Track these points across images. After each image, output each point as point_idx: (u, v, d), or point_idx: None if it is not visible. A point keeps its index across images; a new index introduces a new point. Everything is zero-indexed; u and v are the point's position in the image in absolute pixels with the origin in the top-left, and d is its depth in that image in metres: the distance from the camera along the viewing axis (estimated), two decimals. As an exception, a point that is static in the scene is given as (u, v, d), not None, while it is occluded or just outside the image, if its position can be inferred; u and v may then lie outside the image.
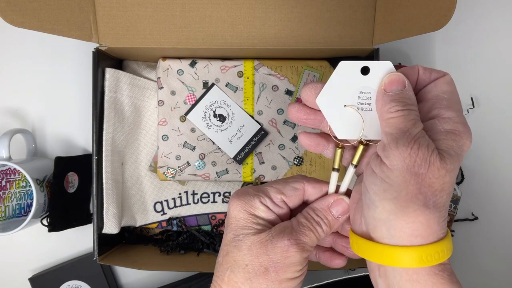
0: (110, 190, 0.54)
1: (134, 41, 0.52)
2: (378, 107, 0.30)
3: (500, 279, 0.63)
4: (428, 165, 0.27)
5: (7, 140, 0.56)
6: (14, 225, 0.56)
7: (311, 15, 0.51)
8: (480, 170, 0.63)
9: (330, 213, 0.34)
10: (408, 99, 0.29)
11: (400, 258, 0.28)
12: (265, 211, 0.33)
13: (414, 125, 0.28)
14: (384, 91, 0.30)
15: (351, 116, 0.31)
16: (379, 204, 0.28)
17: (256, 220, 0.33)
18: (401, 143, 0.27)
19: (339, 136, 0.32)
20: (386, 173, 0.28)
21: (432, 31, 0.44)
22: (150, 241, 0.62)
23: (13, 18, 0.46)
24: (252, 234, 0.32)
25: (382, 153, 0.29)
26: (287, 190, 0.34)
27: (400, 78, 0.30)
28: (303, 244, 0.32)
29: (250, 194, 0.34)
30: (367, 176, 0.30)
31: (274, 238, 0.32)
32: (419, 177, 0.27)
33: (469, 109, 0.62)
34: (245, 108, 0.57)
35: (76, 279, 0.61)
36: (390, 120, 0.29)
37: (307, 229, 0.32)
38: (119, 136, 0.56)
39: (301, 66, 0.57)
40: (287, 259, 0.31)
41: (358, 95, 0.31)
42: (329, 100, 0.31)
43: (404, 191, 0.27)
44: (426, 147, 0.27)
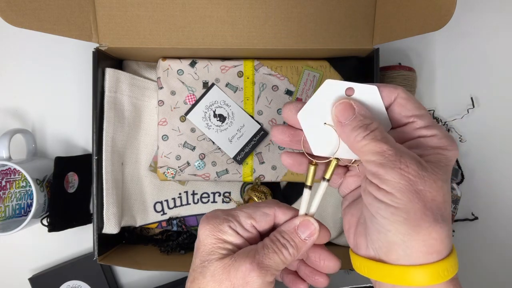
0: (110, 190, 0.54)
1: (134, 41, 0.52)
2: (344, 139, 0.30)
3: (500, 279, 0.63)
4: (424, 180, 0.27)
5: (7, 140, 0.56)
6: (14, 225, 0.56)
7: (311, 15, 0.51)
8: (480, 170, 0.63)
9: (297, 235, 0.33)
10: (365, 120, 0.29)
11: (419, 277, 0.28)
12: (233, 235, 0.33)
13: (386, 143, 0.28)
14: (340, 122, 0.30)
15: (330, 134, 0.31)
16: (390, 227, 0.28)
17: (223, 245, 0.32)
18: (388, 167, 0.27)
19: (314, 152, 0.32)
20: (388, 197, 0.28)
21: (432, 31, 0.44)
22: (150, 241, 0.62)
23: (13, 18, 0.46)
24: (216, 259, 0.32)
25: (376, 180, 0.28)
26: (258, 215, 0.34)
27: (345, 104, 0.30)
28: (267, 268, 0.31)
29: (219, 218, 0.33)
30: (370, 202, 0.29)
31: (237, 262, 0.31)
32: (420, 193, 0.27)
33: (469, 109, 0.62)
34: (245, 108, 0.57)
35: (76, 279, 0.61)
36: (363, 149, 0.29)
37: (271, 251, 0.32)
38: (119, 136, 0.56)
39: (301, 66, 0.57)
40: (249, 284, 0.30)
41: None
42: (310, 116, 0.31)
43: (411, 211, 0.27)
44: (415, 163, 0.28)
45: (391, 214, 0.28)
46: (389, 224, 0.28)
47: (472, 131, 0.63)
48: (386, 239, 0.29)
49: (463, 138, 0.62)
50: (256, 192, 0.57)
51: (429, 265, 0.28)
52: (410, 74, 0.59)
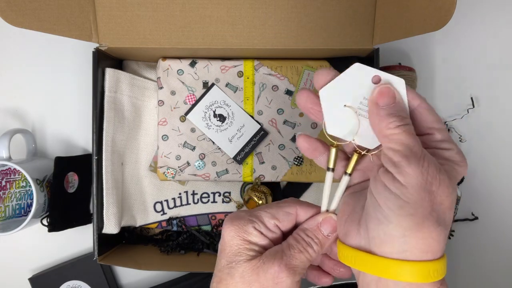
0: (110, 190, 0.54)
1: (134, 41, 0.52)
2: (374, 122, 0.30)
3: (500, 279, 0.63)
4: (439, 183, 0.28)
5: (7, 140, 0.56)
6: (14, 225, 0.56)
7: (311, 15, 0.51)
8: (480, 170, 0.63)
9: (320, 232, 0.34)
10: (403, 112, 0.30)
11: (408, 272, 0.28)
12: (258, 236, 0.33)
13: (417, 141, 0.28)
14: (377, 104, 0.30)
15: (348, 117, 0.31)
16: (394, 220, 0.28)
17: (249, 246, 0.33)
18: (412, 161, 0.28)
19: (329, 131, 0.32)
20: (401, 190, 0.28)
21: (432, 31, 0.44)
22: (150, 241, 0.62)
23: (13, 18, 0.46)
24: (244, 261, 0.32)
25: (394, 169, 0.28)
26: (280, 215, 0.34)
27: (390, 90, 0.30)
28: (294, 268, 0.32)
29: (243, 219, 0.34)
30: (379, 190, 0.29)
31: (265, 264, 0.32)
32: (432, 194, 0.28)
33: (469, 109, 0.62)
34: (245, 108, 0.57)
35: (76, 279, 0.61)
36: (393, 136, 0.29)
37: (297, 251, 0.32)
38: (119, 136, 0.56)
39: (301, 66, 0.57)
40: (278, 285, 0.31)
41: (361, 100, 0.31)
42: (331, 95, 0.31)
43: (420, 208, 0.27)
44: (434, 165, 0.28)
45: (399, 207, 0.28)
46: (393, 216, 0.28)
47: (472, 131, 0.63)
48: (385, 230, 0.29)
49: (463, 138, 0.62)
50: (256, 192, 0.57)
51: (421, 262, 0.28)
52: (410, 74, 0.59)
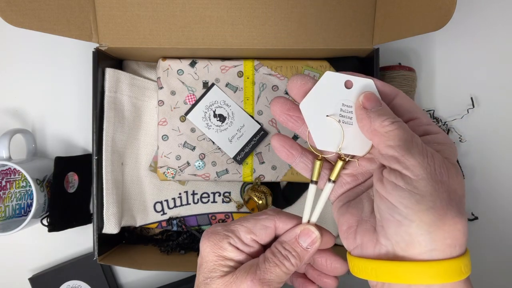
0: (110, 190, 0.54)
1: (134, 41, 0.52)
2: (365, 124, 0.29)
3: (500, 279, 0.63)
4: (448, 172, 0.27)
5: (7, 140, 0.56)
6: (14, 225, 0.56)
7: (311, 15, 0.51)
8: (480, 170, 0.63)
9: (299, 245, 0.33)
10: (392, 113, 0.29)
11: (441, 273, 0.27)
12: (233, 251, 0.33)
13: (414, 134, 0.28)
14: (365, 108, 0.29)
15: (332, 127, 0.31)
16: (415, 217, 0.26)
17: (223, 262, 0.32)
18: (415, 152, 0.27)
19: (318, 146, 0.31)
20: (413, 184, 0.26)
21: (432, 31, 0.44)
22: (150, 241, 0.62)
23: (13, 18, 0.46)
24: (218, 277, 0.32)
25: (399, 165, 0.27)
26: (257, 229, 0.33)
27: (375, 96, 0.30)
28: (269, 282, 0.31)
29: (219, 234, 0.33)
30: (390, 191, 0.28)
31: (238, 279, 0.31)
32: (445, 184, 0.27)
33: (469, 109, 0.62)
34: (245, 108, 0.57)
35: (76, 279, 0.61)
36: (389, 133, 0.28)
37: (272, 265, 0.32)
38: (119, 136, 0.56)
39: (301, 66, 0.57)
40: None
41: (340, 107, 0.31)
42: (312, 108, 0.31)
43: (438, 199, 0.26)
44: (437, 155, 0.27)
45: (416, 202, 0.26)
46: (413, 214, 0.26)
47: (472, 131, 0.63)
48: (408, 231, 0.27)
49: (463, 138, 0.62)
50: (256, 192, 0.57)
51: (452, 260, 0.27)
52: (410, 74, 0.59)
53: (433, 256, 0.27)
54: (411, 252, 0.27)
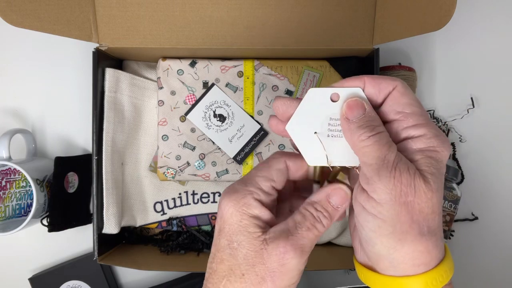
0: (110, 190, 0.54)
1: (134, 41, 0.52)
2: (348, 137, 0.29)
3: (500, 279, 0.63)
4: (414, 190, 0.27)
5: (7, 140, 0.56)
6: (14, 225, 0.56)
7: (311, 15, 0.51)
8: (480, 170, 0.63)
9: (330, 204, 0.32)
10: (373, 121, 0.29)
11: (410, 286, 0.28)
12: (258, 207, 0.31)
13: (389, 149, 0.28)
14: (347, 119, 0.29)
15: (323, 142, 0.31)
16: (377, 241, 0.28)
17: (250, 222, 0.30)
18: (382, 174, 0.27)
19: (309, 163, 0.32)
20: (377, 209, 0.27)
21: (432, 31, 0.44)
22: (150, 241, 0.62)
23: (13, 18, 0.46)
24: (247, 241, 0.30)
25: (367, 186, 0.28)
26: (274, 174, 0.32)
27: (358, 102, 0.29)
28: (302, 247, 0.30)
29: (240, 191, 0.31)
30: (359, 212, 0.29)
31: (269, 245, 0.30)
32: (409, 205, 0.27)
33: (469, 109, 0.62)
34: (245, 108, 0.57)
35: (76, 279, 0.61)
36: (364, 149, 0.28)
37: (305, 229, 0.30)
38: (119, 136, 0.56)
39: (301, 66, 0.57)
40: (284, 266, 0.29)
41: (328, 122, 0.31)
42: (299, 128, 0.31)
43: (398, 224, 0.27)
44: (407, 172, 0.27)
45: (378, 227, 0.28)
46: (375, 238, 0.28)
47: (472, 131, 0.63)
48: (373, 250, 0.29)
49: (463, 138, 0.62)
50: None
51: (416, 276, 0.28)
52: (410, 74, 0.59)
53: (397, 273, 0.29)
54: (379, 266, 0.30)
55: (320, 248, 0.60)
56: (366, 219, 0.28)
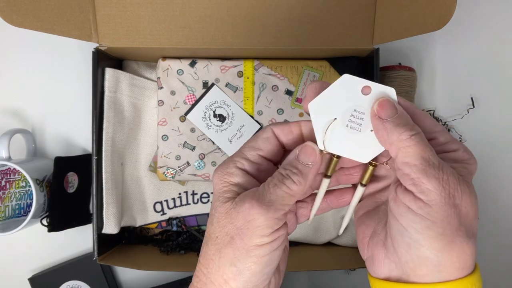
0: (110, 190, 0.54)
1: (134, 41, 0.52)
2: (383, 136, 0.29)
3: (500, 279, 0.63)
4: (461, 194, 0.27)
5: (7, 140, 0.56)
6: (14, 225, 0.56)
7: (311, 15, 0.51)
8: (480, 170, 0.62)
9: (299, 162, 0.31)
10: (410, 121, 0.28)
11: None
12: (241, 175, 0.31)
13: (431, 151, 0.27)
14: (380, 118, 0.29)
15: (339, 131, 0.31)
16: (424, 243, 0.27)
17: (228, 188, 0.30)
18: (431, 175, 0.26)
19: (320, 146, 0.31)
20: (425, 210, 0.27)
21: (432, 31, 0.44)
22: (150, 241, 0.62)
23: (13, 18, 0.46)
24: (220, 205, 0.30)
25: (414, 188, 0.27)
26: (260, 143, 0.32)
27: (390, 102, 0.29)
28: (268, 203, 0.29)
29: (226, 162, 0.32)
30: (402, 213, 0.28)
31: (237, 204, 0.29)
32: (457, 208, 0.27)
33: (469, 109, 0.62)
34: (245, 108, 0.57)
35: (76, 279, 0.61)
36: (407, 149, 0.27)
37: (272, 185, 0.29)
38: (119, 136, 0.56)
39: (301, 66, 0.57)
40: (250, 223, 0.28)
41: (351, 112, 0.30)
42: (321, 108, 0.30)
43: (448, 226, 0.26)
44: (453, 176, 0.27)
45: (426, 228, 0.27)
46: (423, 239, 0.27)
47: (472, 131, 0.63)
48: (418, 254, 0.27)
49: (463, 138, 0.62)
50: None
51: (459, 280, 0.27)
52: (410, 74, 0.59)
53: (440, 278, 0.27)
54: (418, 272, 0.28)
55: (320, 248, 0.60)
56: (413, 220, 0.27)
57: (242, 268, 0.29)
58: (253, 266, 0.29)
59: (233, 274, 0.29)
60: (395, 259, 0.29)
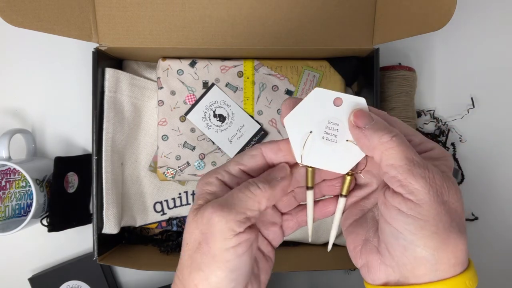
0: (110, 190, 0.54)
1: (134, 41, 0.52)
2: (364, 143, 0.29)
3: (500, 279, 0.63)
4: (448, 190, 0.27)
5: (7, 140, 0.56)
6: (14, 225, 0.56)
7: (311, 15, 0.51)
8: (480, 170, 0.63)
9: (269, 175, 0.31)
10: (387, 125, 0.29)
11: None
12: (217, 185, 0.31)
13: (413, 150, 0.28)
14: (358, 127, 0.29)
15: (314, 143, 0.31)
16: (419, 243, 0.27)
17: (203, 196, 0.31)
18: (417, 175, 0.27)
19: (297, 160, 0.32)
20: (416, 210, 0.27)
21: (432, 31, 0.44)
22: (150, 241, 0.62)
23: (13, 18, 0.46)
24: (191, 211, 0.31)
25: (402, 189, 0.27)
26: (245, 159, 0.32)
27: (365, 112, 0.29)
28: (230, 206, 0.29)
29: (209, 173, 0.32)
30: (394, 216, 0.28)
31: (202, 209, 0.30)
32: (446, 205, 0.27)
33: (469, 109, 0.62)
34: (245, 108, 0.57)
35: (76, 279, 0.61)
36: (389, 151, 0.27)
37: (236, 191, 0.30)
38: (119, 136, 0.56)
39: (301, 66, 0.57)
40: (213, 227, 0.29)
41: (326, 124, 0.31)
42: (296, 122, 0.31)
43: (440, 223, 0.27)
44: (438, 173, 0.27)
45: (420, 228, 0.27)
46: (418, 240, 0.27)
47: (472, 131, 0.63)
48: (414, 255, 0.27)
49: (463, 138, 0.62)
50: None
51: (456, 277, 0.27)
52: (410, 74, 0.59)
53: (437, 276, 0.28)
54: (416, 273, 0.28)
55: (320, 248, 0.60)
56: (405, 222, 0.27)
57: (208, 273, 0.29)
58: (219, 272, 0.29)
59: (201, 279, 0.30)
60: (391, 263, 0.29)
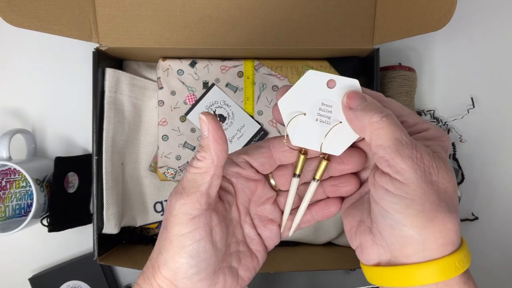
0: (110, 190, 0.54)
1: (134, 41, 0.52)
2: (356, 124, 0.29)
3: (500, 279, 0.63)
4: (437, 170, 0.27)
5: (7, 140, 0.56)
6: (14, 225, 0.56)
7: (311, 15, 0.51)
8: (480, 170, 0.63)
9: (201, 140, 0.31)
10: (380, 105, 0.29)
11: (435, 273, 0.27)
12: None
13: (403, 130, 0.28)
14: (351, 109, 0.29)
15: (309, 126, 0.31)
16: (406, 222, 0.27)
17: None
18: (404, 155, 0.27)
19: (293, 142, 0.32)
20: (403, 189, 0.27)
21: (432, 31, 0.44)
22: (150, 241, 0.62)
23: (13, 18, 0.46)
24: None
25: (389, 169, 0.27)
26: (251, 149, 0.33)
27: (358, 94, 0.29)
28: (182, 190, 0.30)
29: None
30: (382, 196, 0.28)
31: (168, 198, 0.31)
32: (434, 184, 0.27)
33: (469, 109, 0.62)
34: (245, 108, 0.57)
35: (76, 279, 0.61)
36: (379, 131, 0.28)
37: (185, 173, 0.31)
38: (119, 136, 0.56)
39: (301, 66, 0.57)
40: (171, 212, 0.30)
41: (319, 106, 0.31)
42: (290, 105, 0.31)
43: (427, 203, 0.27)
44: (427, 153, 0.27)
45: (406, 207, 0.27)
46: (404, 219, 0.27)
47: (472, 131, 0.63)
48: (401, 234, 0.28)
49: (463, 138, 0.62)
50: None
51: (445, 258, 0.27)
52: (410, 74, 0.59)
53: (426, 257, 0.28)
54: (405, 252, 0.28)
55: (320, 248, 0.60)
56: (392, 201, 0.27)
57: (167, 257, 0.30)
58: (176, 256, 0.30)
59: (161, 263, 0.31)
60: (382, 243, 0.29)
